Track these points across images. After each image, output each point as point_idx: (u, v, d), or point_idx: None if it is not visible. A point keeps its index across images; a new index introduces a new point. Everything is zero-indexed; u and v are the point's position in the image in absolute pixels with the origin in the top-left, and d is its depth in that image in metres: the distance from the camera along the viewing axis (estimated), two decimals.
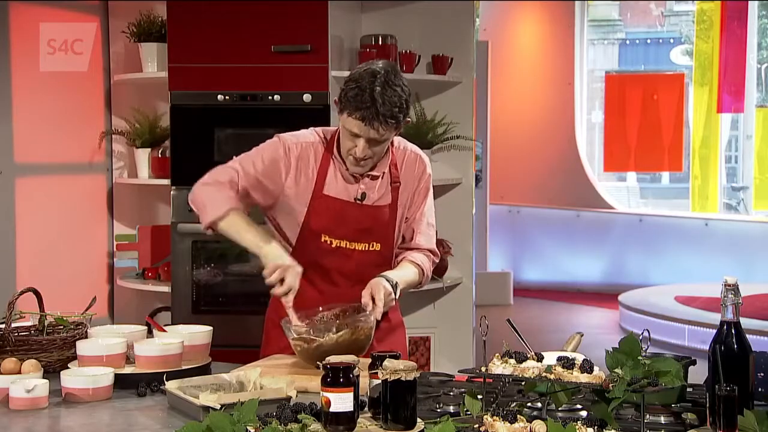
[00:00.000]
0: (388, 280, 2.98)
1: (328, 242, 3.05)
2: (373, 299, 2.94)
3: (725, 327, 2.22)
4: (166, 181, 5.08)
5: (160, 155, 5.28)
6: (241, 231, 3.02)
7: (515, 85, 11.78)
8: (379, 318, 2.92)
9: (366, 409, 2.34)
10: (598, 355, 2.37)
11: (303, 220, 3.05)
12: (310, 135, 3.09)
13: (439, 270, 5.29)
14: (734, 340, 2.21)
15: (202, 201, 3.05)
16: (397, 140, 3.14)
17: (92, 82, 5.41)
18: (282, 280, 2.92)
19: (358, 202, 3.05)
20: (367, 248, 3.07)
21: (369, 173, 3.04)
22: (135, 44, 5.27)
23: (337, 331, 2.84)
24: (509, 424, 2.06)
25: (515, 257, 11.48)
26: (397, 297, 3.01)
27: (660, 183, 13.57)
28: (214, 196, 3.03)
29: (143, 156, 5.33)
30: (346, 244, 3.05)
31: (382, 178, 3.07)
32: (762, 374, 2.38)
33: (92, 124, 5.41)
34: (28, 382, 2.54)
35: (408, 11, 5.52)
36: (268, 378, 2.59)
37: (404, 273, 3.09)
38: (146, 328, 2.99)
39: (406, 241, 3.16)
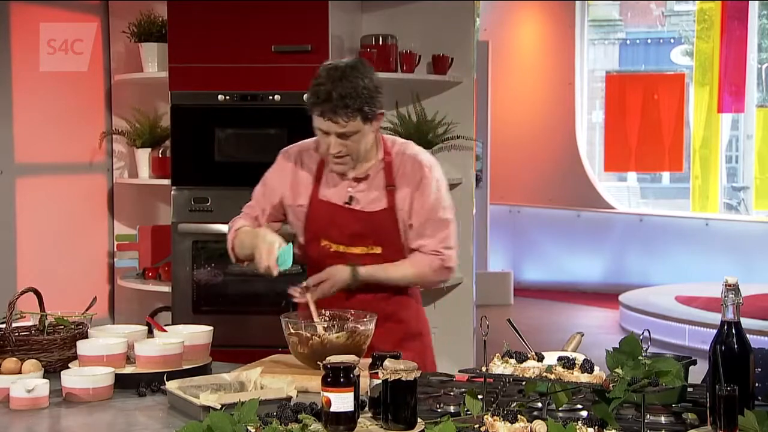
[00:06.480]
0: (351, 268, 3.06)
1: (328, 246, 3.12)
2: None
3: (726, 327, 2.22)
4: (167, 181, 5.08)
5: (160, 155, 5.28)
6: (247, 238, 3.10)
7: (515, 85, 11.77)
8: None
9: (366, 409, 2.34)
10: (599, 355, 2.36)
11: (304, 225, 3.15)
12: (309, 142, 3.18)
13: None
14: (735, 340, 2.20)
15: (229, 247, 3.20)
16: (399, 145, 3.16)
17: (92, 82, 5.40)
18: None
19: (347, 206, 3.10)
20: (365, 252, 3.11)
21: (354, 176, 3.09)
22: (135, 44, 5.27)
23: (336, 332, 2.83)
24: (509, 424, 2.06)
25: (515, 257, 11.48)
26: (351, 283, 3.05)
27: (660, 183, 13.57)
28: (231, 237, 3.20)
29: (143, 156, 5.33)
30: (343, 248, 3.11)
31: (370, 180, 3.10)
32: (759, 369, 2.38)
33: (92, 124, 5.41)
34: (28, 382, 2.54)
35: (408, 11, 5.52)
36: (269, 378, 2.59)
37: (382, 266, 3.10)
38: (146, 328, 2.99)
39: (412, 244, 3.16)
